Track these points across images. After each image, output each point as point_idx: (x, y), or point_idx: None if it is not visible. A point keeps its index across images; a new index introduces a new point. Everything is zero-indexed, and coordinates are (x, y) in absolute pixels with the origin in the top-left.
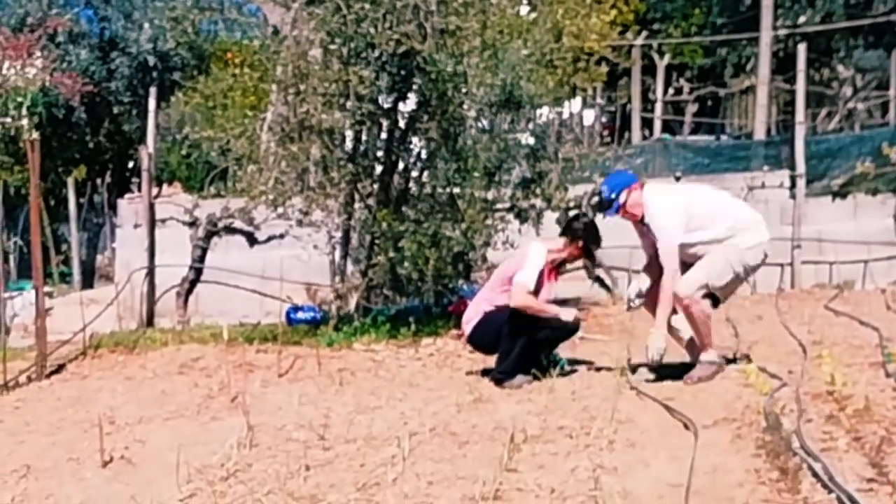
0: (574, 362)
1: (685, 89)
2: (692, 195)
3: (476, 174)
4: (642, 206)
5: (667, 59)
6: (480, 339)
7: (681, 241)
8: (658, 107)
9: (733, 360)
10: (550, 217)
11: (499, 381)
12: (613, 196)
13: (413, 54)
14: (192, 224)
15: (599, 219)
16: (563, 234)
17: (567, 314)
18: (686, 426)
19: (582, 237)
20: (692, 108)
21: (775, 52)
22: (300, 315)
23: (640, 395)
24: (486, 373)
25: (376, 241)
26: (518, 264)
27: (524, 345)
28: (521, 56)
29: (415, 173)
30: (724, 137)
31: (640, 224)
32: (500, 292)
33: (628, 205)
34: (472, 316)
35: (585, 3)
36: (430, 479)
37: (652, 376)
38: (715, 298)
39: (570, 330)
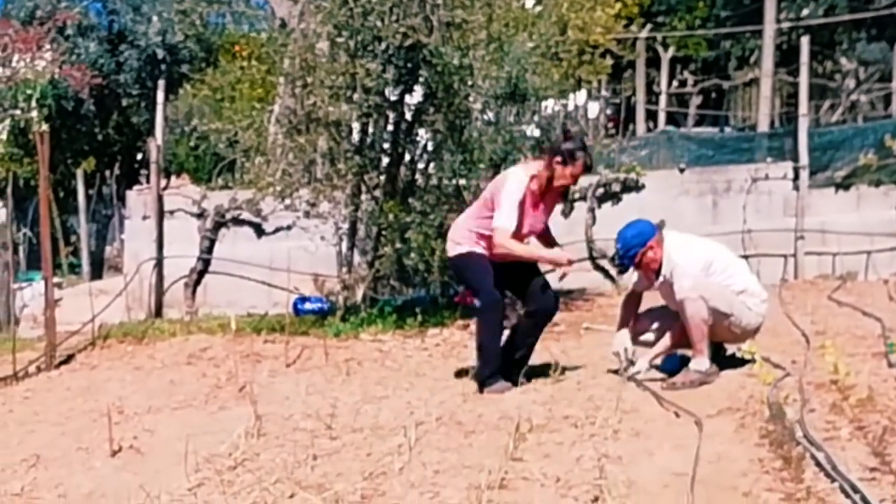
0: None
1: (689, 82)
2: (713, 250)
3: (482, 166)
4: (660, 258)
5: (671, 51)
6: (460, 274)
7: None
8: (662, 99)
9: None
10: (556, 209)
11: (482, 387)
12: (629, 261)
13: (419, 47)
14: (201, 215)
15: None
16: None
17: (558, 256)
18: (677, 414)
19: (559, 151)
20: (696, 101)
21: (779, 44)
22: (307, 306)
23: (640, 385)
24: None
25: (383, 233)
26: (496, 185)
27: (493, 342)
28: (527, 49)
29: (421, 165)
30: (727, 129)
31: (652, 273)
32: (482, 213)
33: (645, 263)
34: (456, 239)
35: None
36: (436, 468)
37: (655, 373)
38: None
39: (546, 312)
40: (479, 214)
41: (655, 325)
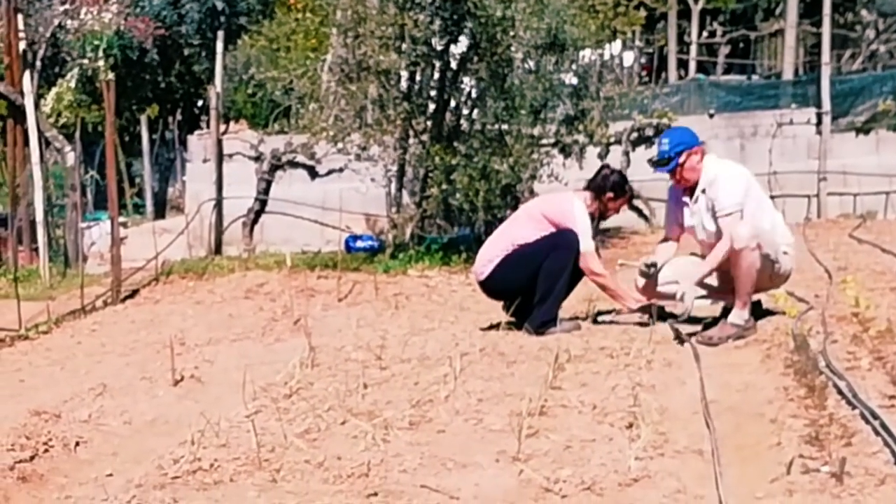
0: None
1: (718, 32)
2: (749, 176)
3: (523, 112)
4: (699, 172)
5: (701, 3)
6: (502, 282)
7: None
8: (693, 49)
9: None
10: (592, 151)
11: (542, 328)
12: (673, 154)
13: (464, 0)
14: (258, 158)
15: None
16: (587, 187)
17: (629, 299)
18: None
19: (611, 186)
20: (725, 50)
21: None
22: (358, 243)
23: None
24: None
25: (430, 175)
26: (558, 210)
27: (563, 286)
28: (565, 1)
29: (465, 111)
30: (754, 77)
31: (687, 192)
32: (526, 226)
33: (685, 167)
34: (491, 256)
35: None
36: (479, 397)
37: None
38: None
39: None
40: (518, 225)
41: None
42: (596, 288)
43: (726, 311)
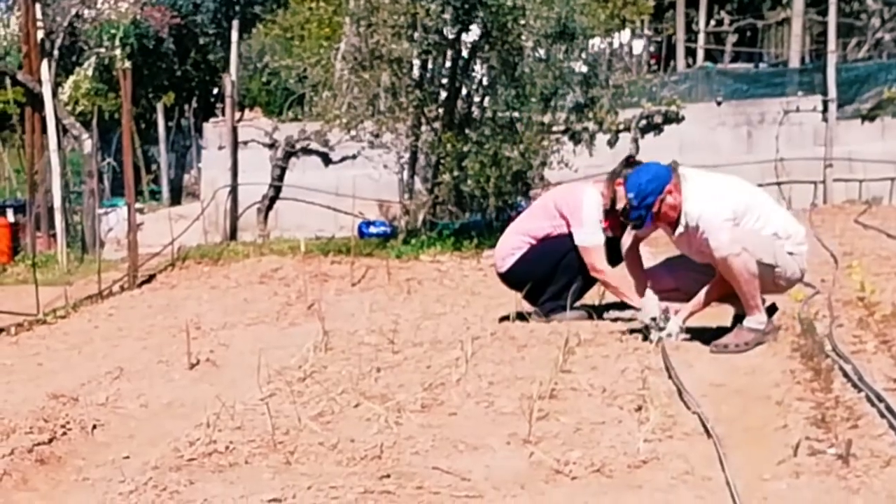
0: None
1: (726, 21)
2: (736, 190)
3: (533, 99)
4: (678, 208)
5: None
6: (523, 275)
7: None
8: (701, 37)
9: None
10: (602, 139)
11: (551, 313)
12: (646, 207)
13: None
14: (272, 146)
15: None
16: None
17: (649, 308)
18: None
19: (622, 174)
20: (732, 39)
21: None
22: (371, 229)
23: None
24: None
25: (442, 161)
26: (567, 201)
27: (581, 282)
28: None
29: (477, 99)
30: (761, 65)
31: (670, 224)
32: (541, 218)
33: (664, 209)
34: (509, 250)
35: None
36: (490, 380)
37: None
38: None
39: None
40: (534, 218)
41: (679, 281)
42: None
43: (738, 318)
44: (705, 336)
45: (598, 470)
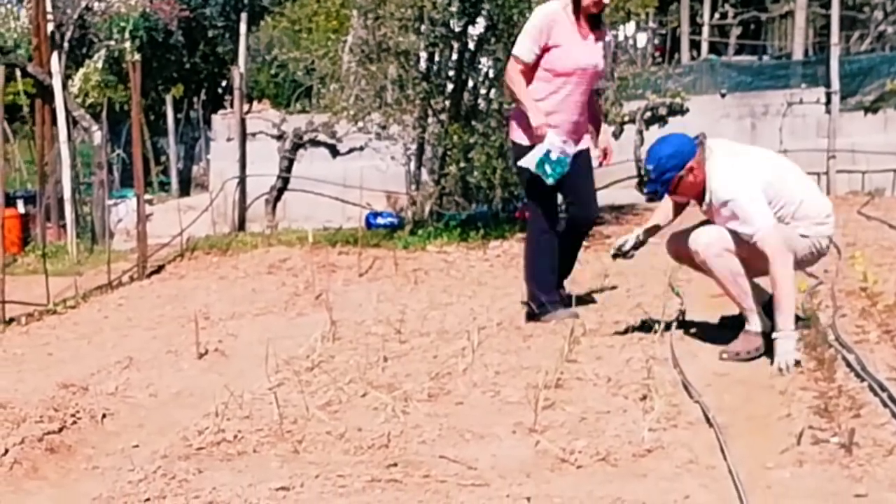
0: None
1: (730, 14)
2: (762, 164)
3: None
4: (700, 184)
5: None
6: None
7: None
8: (705, 30)
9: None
10: (607, 131)
11: (538, 315)
12: (662, 182)
13: None
14: (280, 137)
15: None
16: None
17: (536, 118)
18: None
19: None
20: (736, 31)
21: None
22: (379, 220)
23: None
24: None
25: (448, 153)
26: None
27: (544, 266)
28: None
29: (483, 91)
30: (765, 58)
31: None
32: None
33: (680, 188)
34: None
35: None
36: (497, 370)
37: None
38: None
39: (587, 221)
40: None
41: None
42: (611, 263)
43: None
44: (709, 330)
45: (603, 459)
